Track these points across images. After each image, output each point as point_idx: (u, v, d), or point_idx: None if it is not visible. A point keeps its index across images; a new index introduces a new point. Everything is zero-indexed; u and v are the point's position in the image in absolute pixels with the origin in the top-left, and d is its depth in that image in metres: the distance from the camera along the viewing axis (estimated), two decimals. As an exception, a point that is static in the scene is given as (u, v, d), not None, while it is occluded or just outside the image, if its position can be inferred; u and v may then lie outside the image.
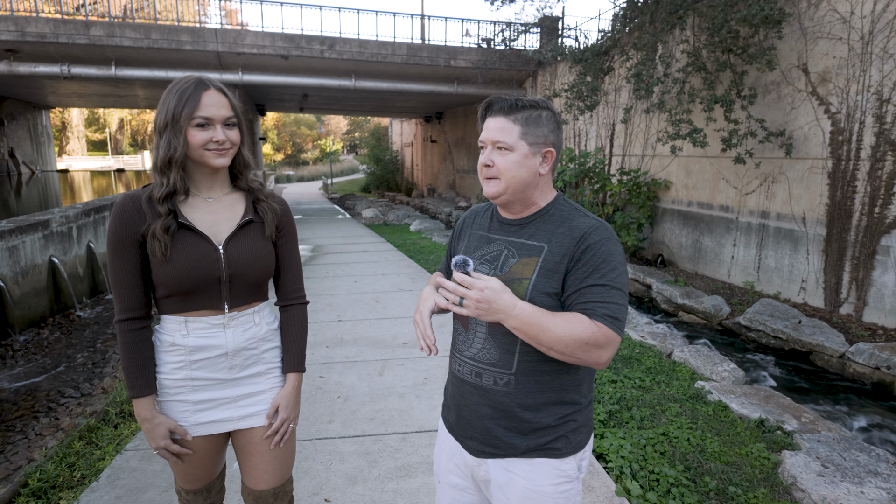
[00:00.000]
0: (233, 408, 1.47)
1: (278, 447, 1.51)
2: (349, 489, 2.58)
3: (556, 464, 1.26)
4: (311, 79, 13.82)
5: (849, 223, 6.28)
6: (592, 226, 1.22)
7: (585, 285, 1.17)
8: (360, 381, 3.84)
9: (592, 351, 1.12)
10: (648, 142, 9.96)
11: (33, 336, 5.70)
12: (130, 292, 1.37)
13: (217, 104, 1.35)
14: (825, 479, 2.61)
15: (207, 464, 1.50)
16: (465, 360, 1.32)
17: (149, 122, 56.99)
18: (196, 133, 1.33)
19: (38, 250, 6.16)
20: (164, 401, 1.43)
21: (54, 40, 11.35)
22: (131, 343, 1.38)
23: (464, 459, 1.37)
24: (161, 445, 1.40)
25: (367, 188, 31.88)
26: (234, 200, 1.47)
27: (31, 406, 4.02)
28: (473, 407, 1.31)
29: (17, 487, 2.66)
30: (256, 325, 1.48)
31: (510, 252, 1.27)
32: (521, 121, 1.24)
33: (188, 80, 1.35)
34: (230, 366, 1.45)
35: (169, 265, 1.34)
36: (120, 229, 1.34)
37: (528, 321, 1.12)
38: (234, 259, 1.40)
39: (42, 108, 22.75)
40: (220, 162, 1.38)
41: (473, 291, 1.11)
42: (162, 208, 1.33)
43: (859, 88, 6.07)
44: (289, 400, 1.52)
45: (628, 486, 2.58)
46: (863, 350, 5.13)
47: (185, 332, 1.40)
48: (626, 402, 3.61)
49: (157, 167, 1.35)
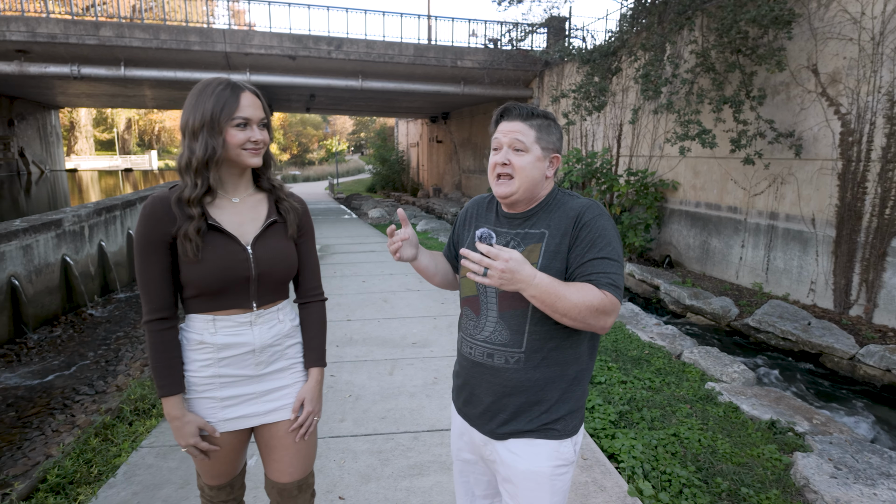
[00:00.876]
0: (259, 403, 1.50)
1: (302, 440, 1.55)
2: (363, 487, 2.60)
3: (556, 446, 1.38)
4: (319, 79, 13.87)
5: (859, 225, 6.25)
6: (585, 205, 1.36)
7: (587, 259, 1.30)
8: (370, 381, 3.86)
9: (600, 317, 1.24)
10: (656, 142, 9.94)
11: (47, 334, 5.77)
12: (159, 293, 1.39)
13: (253, 105, 1.39)
14: (838, 480, 2.61)
15: (232, 459, 1.53)
16: (478, 342, 1.42)
17: (156, 122, 57.30)
18: (236, 133, 1.37)
19: (50, 249, 6.23)
20: (192, 398, 1.45)
21: (64, 41, 11.44)
22: (160, 343, 1.40)
23: (472, 438, 1.49)
24: (190, 443, 1.42)
25: (372, 188, 31.94)
26: (258, 201, 1.51)
27: (46, 403, 4.08)
28: (486, 386, 1.41)
29: (36, 483, 2.70)
30: (280, 322, 1.52)
31: (516, 242, 1.39)
32: (536, 127, 1.37)
33: (219, 81, 1.38)
34: (256, 362, 1.48)
35: (200, 266, 1.36)
36: (149, 231, 1.36)
37: (546, 290, 1.20)
38: (262, 258, 1.44)
39: (51, 108, 22.92)
40: (255, 161, 1.42)
41: (499, 262, 1.17)
42: (194, 210, 1.36)
43: (870, 89, 6.04)
44: (313, 394, 1.56)
45: (640, 487, 2.59)
46: (874, 352, 5.11)
47: (214, 331, 1.43)
48: (637, 402, 3.61)
49: (191, 168, 1.37)
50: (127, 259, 8.56)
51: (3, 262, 5.43)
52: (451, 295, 6.26)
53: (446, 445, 2.98)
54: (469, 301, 1.45)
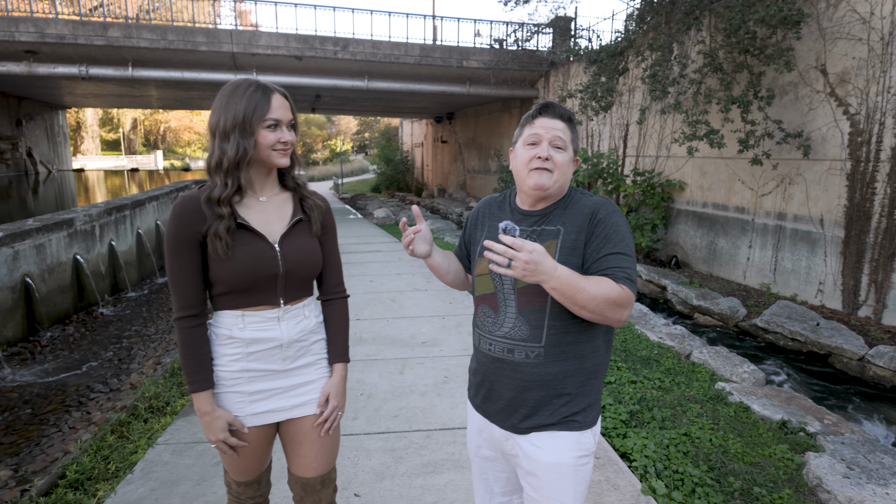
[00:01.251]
0: (285, 397, 1.53)
1: (326, 435, 1.57)
2: (377, 484, 2.62)
3: (577, 437, 1.41)
4: (325, 79, 13.91)
5: (868, 225, 6.24)
6: (599, 202, 1.40)
7: (603, 254, 1.33)
8: (381, 379, 3.88)
9: (617, 309, 1.27)
10: (662, 142, 9.94)
11: (59, 332, 5.82)
12: (189, 290, 1.42)
13: (283, 107, 1.42)
14: (851, 480, 2.62)
15: (259, 455, 1.55)
16: (497, 339, 1.45)
17: (161, 122, 57.56)
18: (267, 134, 1.40)
19: (62, 248, 6.29)
20: (221, 392, 1.48)
21: (73, 41, 11.52)
22: (190, 339, 1.43)
23: (491, 434, 1.51)
24: (220, 438, 1.44)
25: (377, 188, 31.98)
26: (283, 200, 1.54)
27: (62, 400, 4.12)
28: (506, 381, 1.43)
29: (55, 479, 2.74)
30: (306, 318, 1.55)
31: (532, 240, 1.40)
32: (571, 128, 1.44)
33: (249, 83, 1.40)
34: (283, 357, 1.50)
35: (230, 263, 1.39)
36: (180, 230, 1.39)
37: (567, 282, 1.23)
38: (289, 256, 1.47)
39: (58, 109, 23.07)
40: (284, 161, 1.45)
41: (523, 253, 1.19)
42: (224, 209, 1.39)
43: (879, 89, 6.03)
44: (338, 389, 1.59)
45: (654, 485, 2.60)
46: (883, 353, 5.10)
47: (242, 326, 1.46)
48: (647, 402, 3.62)
49: (222, 168, 1.39)
50: (136, 259, 8.62)
51: (17, 262, 5.49)
52: (459, 294, 6.28)
53: (459, 444, 3.00)
54: (486, 298, 1.48)
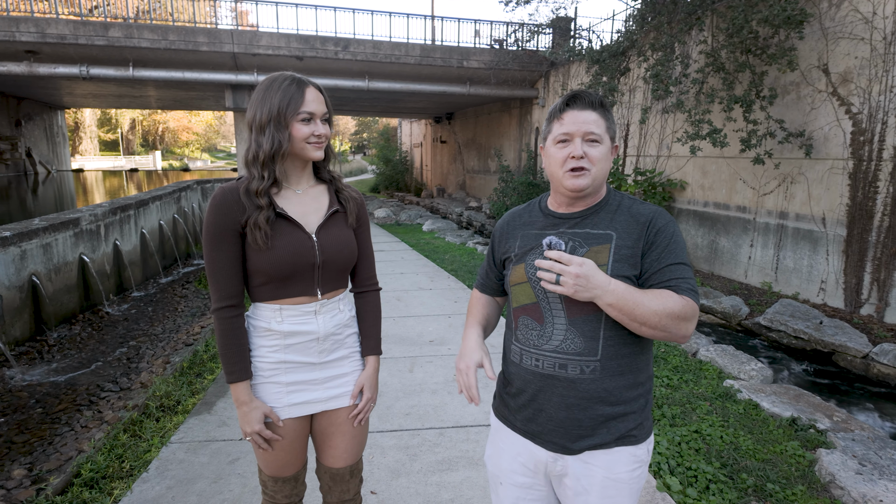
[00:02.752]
0: (320, 389, 1.55)
1: (358, 426, 1.60)
2: (393, 482, 2.64)
3: (633, 450, 1.31)
4: (326, 80, 13.91)
5: (870, 224, 6.27)
6: (655, 211, 1.30)
7: (664, 265, 1.24)
8: (391, 378, 3.90)
9: (681, 324, 1.18)
10: (664, 142, 9.97)
11: (66, 332, 5.82)
12: (229, 281, 1.43)
13: (317, 100, 1.43)
14: (863, 476, 2.64)
15: (296, 448, 1.56)
16: (546, 353, 1.30)
17: (160, 122, 57.46)
18: (301, 127, 1.41)
19: (69, 248, 6.29)
20: (259, 383, 1.49)
21: (74, 41, 11.51)
22: (229, 330, 1.44)
23: (533, 456, 1.36)
24: (255, 430, 1.45)
25: (376, 188, 31.98)
26: (319, 192, 1.55)
27: (73, 399, 4.12)
28: (558, 400, 1.29)
29: (70, 477, 2.74)
30: (341, 311, 1.57)
31: (577, 243, 1.29)
32: (605, 115, 1.29)
33: (285, 77, 1.41)
34: (319, 350, 1.52)
35: (270, 253, 1.41)
36: (220, 220, 1.40)
37: (623, 297, 1.16)
38: (326, 246, 1.48)
39: (57, 109, 23.01)
40: (318, 154, 1.46)
41: (573, 267, 1.14)
42: (262, 200, 1.40)
43: (881, 89, 6.06)
44: (371, 381, 1.62)
45: (668, 482, 2.62)
46: (888, 351, 5.13)
47: (280, 319, 1.47)
48: (657, 400, 3.64)
49: (258, 161, 1.41)
50: (140, 258, 8.61)
51: (24, 261, 5.49)
52: (465, 294, 6.29)
53: (472, 441, 3.01)
54: (527, 309, 1.33)
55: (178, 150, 61.04)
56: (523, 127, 16.37)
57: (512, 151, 17.12)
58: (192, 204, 12.50)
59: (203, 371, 4.06)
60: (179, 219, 11.07)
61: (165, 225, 10.06)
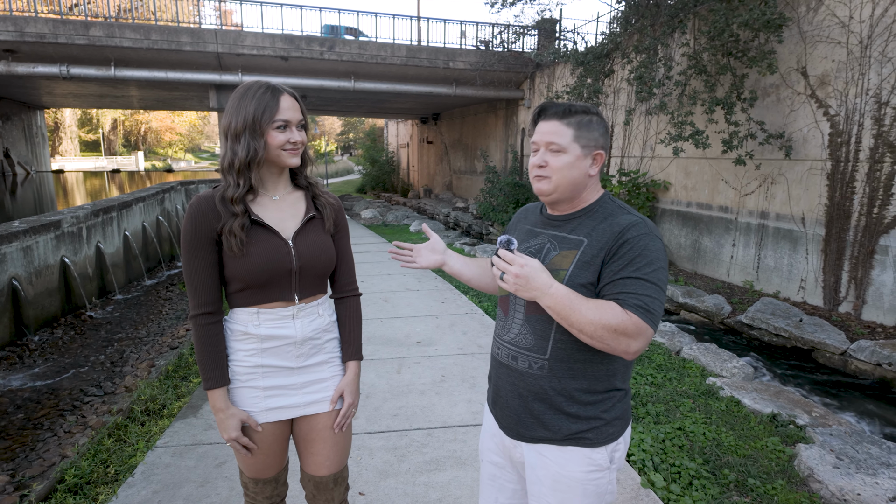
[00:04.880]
0: (299, 394, 1.54)
1: (340, 433, 1.59)
2: (381, 483, 2.65)
3: (588, 452, 1.32)
4: (311, 80, 13.86)
5: (848, 223, 6.42)
6: (633, 221, 1.27)
7: (619, 277, 1.22)
8: (378, 379, 3.91)
9: (621, 339, 1.16)
10: (647, 143, 10.09)
11: (48, 336, 5.73)
12: (206, 288, 1.44)
13: (293, 108, 1.44)
14: (841, 470, 2.71)
15: (275, 451, 1.57)
16: (504, 343, 1.41)
17: (142, 122, 56.69)
18: (276, 135, 1.42)
19: (50, 250, 6.19)
20: (235, 387, 1.49)
21: (53, 40, 11.32)
22: (206, 336, 1.45)
23: (501, 440, 1.46)
24: (233, 437, 1.46)
25: (362, 189, 31.88)
26: (296, 198, 1.56)
27: (55, 405, 4.06)
28: (511, 388, 1.39)
29: (54, 483, 2.71)
30: (320, 316, 1.57)
31: (552, 245, 1.34)
32: (574, 124, 1.31)
33: (259, 85, 1.43)
34: (297, 354, 1.53)
35: (245, 259, 1.42)
36: (196, 228, 1.41)
37: (560, 301, 1.19)
38: (303, 252, 1.49)
39: (37, 109, 22.60)
40: (294, 161, 1.47)
41: (514, 267, 1.20)
42: (237, 207, 1.42)
43: (858, 91, 6.21)
44: (352, 386, 1.61)
45: (652, 479, 2.67)
46: (864, 347, 5.25)
47: (258, 323, 1.48)
48: (641, 398, 3.70)
49: (234, 169, 1.42)
50: (124, 261, 8.50)
51: (4, 264, 5.39)
52: (452, 294, 6.32)
53: (460, 441, 3.04)
54: (502, 301, 1.45)
55: (161, 150, 60.26)
56: (509, 128, 16.45)
57: (498, 152, 17.19)
58: (177, 205, 12.37)
59: (189, 374, 4.03)
60: (163, 220, 10.95)
61: (149, 227, 9.95)
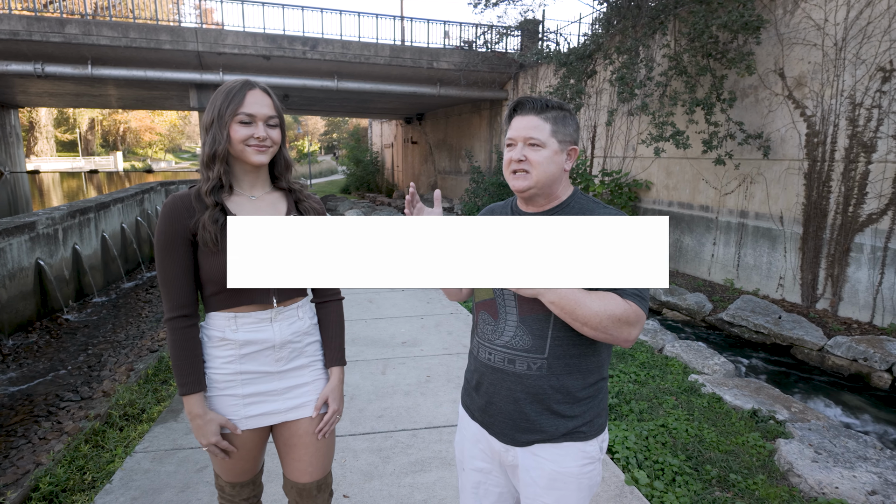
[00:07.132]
0: (280, 400, 1.51)
1: (323, 440, 1.56)
2: (366, 485, 2.63)
3: (582, 446, 1.35)
4: (294, 79, 13.73)
5: (824, 222, 6.55)
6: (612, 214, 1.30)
7: None
8: (363, 380, 3.88)
9: (623, 327, 1.20)
10: (629, 143, 10.19)
11: (22, 340, 5.59)
12: (181, 290, 1.40)
13: (260, 103, 1.41)
14: (819, 464, 2.75)
15: (254, 456, 1.54)
16: (497, 348, 1.38)
17: (121, 122, 55.72)
18: (238, 129, 1.39)
19: (24, 253, 6.03)
20: (215, 395, 1.45)
21: (27, 38, 11.05)
22: (182, 340, 1.40)
23: (490, 445, 1.43)
24: (211, 442, 1.42)
25: (346, 189, 31.68)
26: (276, 199, 1.53)
27: (30, 411, 3.95)
28: (506, 393, 1.36)
29: (28, 491, 2.64)
30: (300, 319, 1.54)
31: None
32: (552, 119, 1.32)
33: (237, 81, 1.42)
34: (276, 358, 1.49)
35: (220, 257, 1.37)
36: (170, 227, 1.38)
37: (565, 296, 1.19)
38: None
39: (10, 108, 22.04)
40: (258, 158, 1.42)
41: None
42: (209, 200, 1.39)
43: (833, 93, 6.33)
44: (336, 393, 1.58)
45: (636, 476, 2.68)
46: (841, 343, 5.36)
47: (235, 328, 1.44)
48: (625, 395, 3.73)
49: (203, 162, 1.42)
50: (101, 263, 8.33)
51: (-25, 268, 5.24)
52: (436, 294, 6.31)
53: (445, 442, 3.02)
54: (486, 305, 1.41)
55: (140, 150, 59.28)
56: (493, 128, 16.49)
57: (483, 152, 17.22)
58: (156, 206, 12.17)
59: (169, 378, 3.96)
60: (143, 222, 10.76)
61: (128, 228, 9.76)
